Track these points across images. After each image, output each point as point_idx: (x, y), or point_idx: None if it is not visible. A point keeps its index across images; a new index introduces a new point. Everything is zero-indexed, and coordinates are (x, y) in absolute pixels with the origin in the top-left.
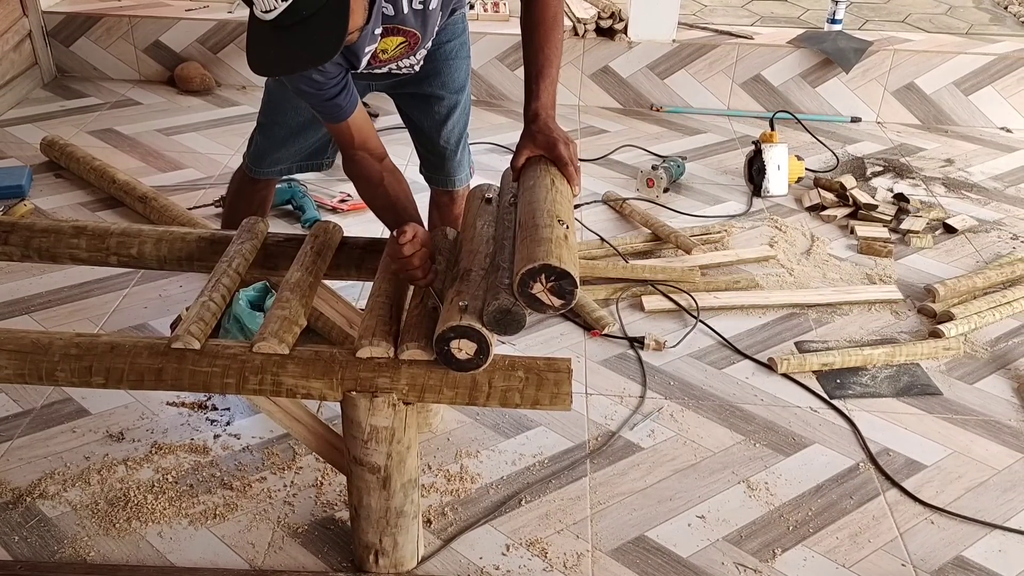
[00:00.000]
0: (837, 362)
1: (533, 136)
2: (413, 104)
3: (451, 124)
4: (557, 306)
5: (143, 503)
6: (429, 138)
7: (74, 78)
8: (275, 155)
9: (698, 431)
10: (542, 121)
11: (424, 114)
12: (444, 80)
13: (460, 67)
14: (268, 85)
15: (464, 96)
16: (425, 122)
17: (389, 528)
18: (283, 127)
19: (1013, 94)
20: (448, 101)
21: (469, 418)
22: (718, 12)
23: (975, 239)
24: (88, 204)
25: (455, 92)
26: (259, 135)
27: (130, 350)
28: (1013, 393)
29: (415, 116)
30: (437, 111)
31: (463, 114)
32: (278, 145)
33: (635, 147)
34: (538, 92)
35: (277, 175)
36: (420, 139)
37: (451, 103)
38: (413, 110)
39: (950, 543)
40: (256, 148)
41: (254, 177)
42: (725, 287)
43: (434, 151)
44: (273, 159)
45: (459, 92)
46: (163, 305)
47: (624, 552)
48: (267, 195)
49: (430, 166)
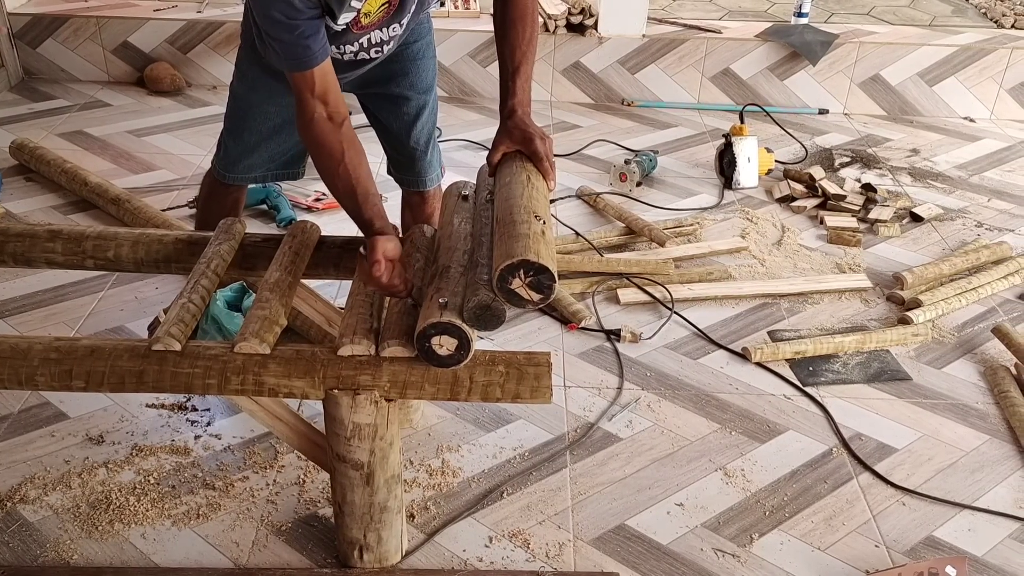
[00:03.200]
0: (809, 350)
1: (510, 132)
2: (381, 106)
3: (420, 125)
4: (536, 301)
5: (125, 505)
6: (399, 139)
7: (42, 80)
8: (247, 161)
9: (675, 420)
10: (518, 117)
11: (393, 115)
12: (412, 80)
13: (428, 67)
14: (233, 89)
15: (432, 96)
16: (394, 124)
17: (373, 523)
18: (253, 132)
19: (975, 84)
20: (416, 102)
21: (449, 413)
22: (687, 7)
23: (941, 227)
24: (60, 207)
25: (423, 92)
26: (229, 140)
27: (110, 353)
28: (980, 377)
29: (384, 118)
30: (406, 112)
31: (432, 114)
32: (249, 151)
33: (607, 142)
34: (514, 89)
35: (251, 182)
36: (389, 141)
37: (419, 103)
38: (381, 111)
39: (921, 523)
40: (226, 153)
41: (225, 183)
42: (699, 279)
43: (404, 152)
44: (246, 165)
45: (427, 92)
46: (139, 307)
47: (605, 541)
48: (239, 197)
49: (400, 167)
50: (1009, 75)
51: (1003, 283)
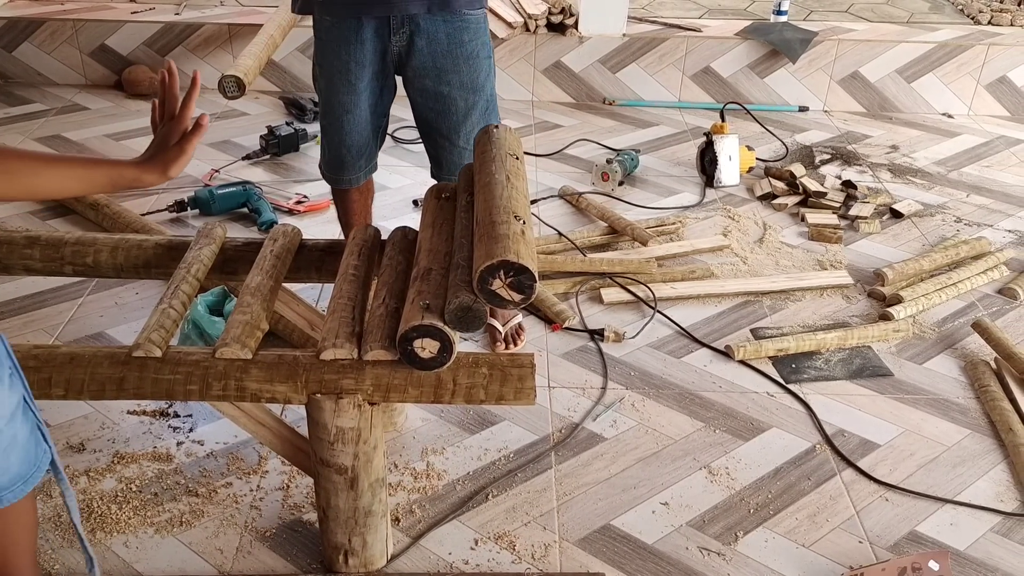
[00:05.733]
0: (792, 347)
1: None
2: (429, 106)
3: (470, 125)
4: (517, 301)
5: (107, 514)
6: (448, 139)
7: (18, 84)
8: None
9: (659, 419)
10: None
11: (441, 115)
12: (462, 80)
13: (480, 67)
14: (317, 86)
15: (481, 98)
16: (443, 124)
17: (358, 528)
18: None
19: (953, 80)
20: (465, 101)
21: (434, 415)
22: (667, 5)
23: (921, 223)
24: (37, 212)
25: (472, 92)
26: (324, 140)
27: (90, 360)
28: (960, 372)
29: (431, 118)
30: (454, 111)
31: (483, 116)
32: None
33: (589, 141)
34: None
35: (350, 182)
36: (437, 142)
37: (468, 103)
38: (429, 112)
39: (904, 519)
40: (322, 154)
41: (338, 187)
42: (681, 277)
43: (452, 152)
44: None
45: (476, 92)
46: (119, 313)
47: (590, 541)
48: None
49: (446, 167)
50: (986, 71)
51: (982, 278)
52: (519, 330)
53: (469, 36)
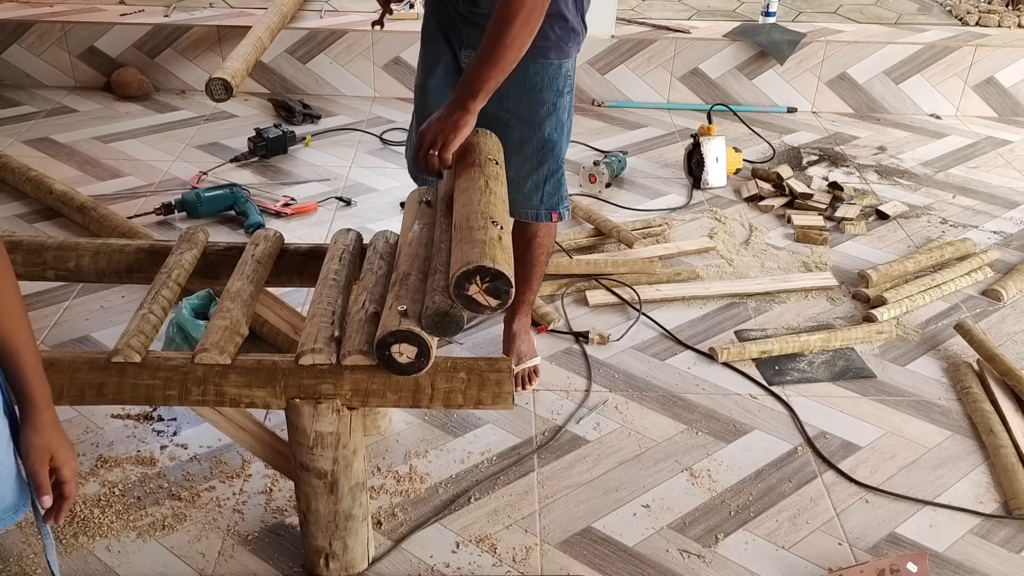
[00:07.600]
0: (775, 349)
1: None
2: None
3: (523, 158)
4: (493, 306)
5: (90, 518)
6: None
7: (7, 86)
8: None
9: (642, 422)
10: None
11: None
12: (518, 110)
13: (539, 101)
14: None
15: (540, 135)
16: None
17: (338, 532)
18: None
19: (941, 81)
20: (520, 133)
21: (417, 419)
22: (655, 7)
23: (906, 224)
24: (25, 216)
25: (527, 125)
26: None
27: (69, 365)
28: (943, 373)
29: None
30: (508, 138)
31: (540, 154)
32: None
33: (577, 143)
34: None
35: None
36: None
37: (522, 136)
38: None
39: (884, 520)
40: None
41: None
42: (667, 279)
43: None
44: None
45: (531, 127)
46: (105, 316)
47: (571, 544)
48: None
49: None
50: (974, 72)
51: (966, 280)
52: (534, 372)
53: (536, 69)
